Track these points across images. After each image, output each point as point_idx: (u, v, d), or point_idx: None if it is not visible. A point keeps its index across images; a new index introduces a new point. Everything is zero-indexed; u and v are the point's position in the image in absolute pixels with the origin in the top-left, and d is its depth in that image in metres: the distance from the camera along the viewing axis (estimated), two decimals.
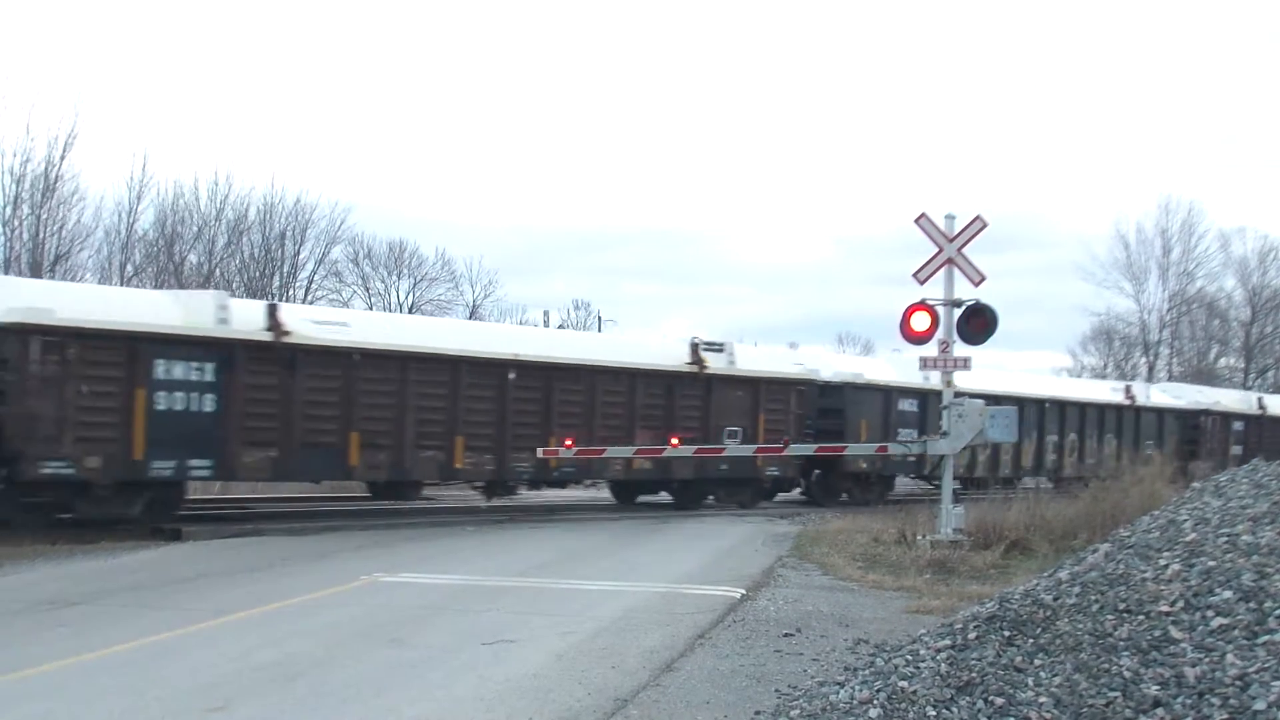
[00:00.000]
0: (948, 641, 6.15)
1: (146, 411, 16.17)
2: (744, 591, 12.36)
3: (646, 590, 12.43)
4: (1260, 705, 5.05)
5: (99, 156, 55.02)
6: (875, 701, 5.69)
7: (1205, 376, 58.75)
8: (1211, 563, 6.22)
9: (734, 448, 20.16)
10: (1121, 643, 5.71)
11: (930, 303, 17.29)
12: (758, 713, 6.83)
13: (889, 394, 26.68)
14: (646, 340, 30.50)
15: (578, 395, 21.35)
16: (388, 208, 72.05)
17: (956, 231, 17.10)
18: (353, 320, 20.50)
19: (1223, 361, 65.27)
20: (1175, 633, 5.70)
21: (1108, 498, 17.50)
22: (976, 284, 17.20)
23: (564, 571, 13.93)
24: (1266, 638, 5.50)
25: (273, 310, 17.98)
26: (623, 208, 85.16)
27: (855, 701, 5.78)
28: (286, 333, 17.55)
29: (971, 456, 25.99)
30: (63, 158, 35.73)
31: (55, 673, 8.02)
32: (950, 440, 17.27)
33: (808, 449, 22.24)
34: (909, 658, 6.14)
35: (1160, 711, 5.20)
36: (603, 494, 26.43)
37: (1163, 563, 6.38)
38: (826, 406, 25.78)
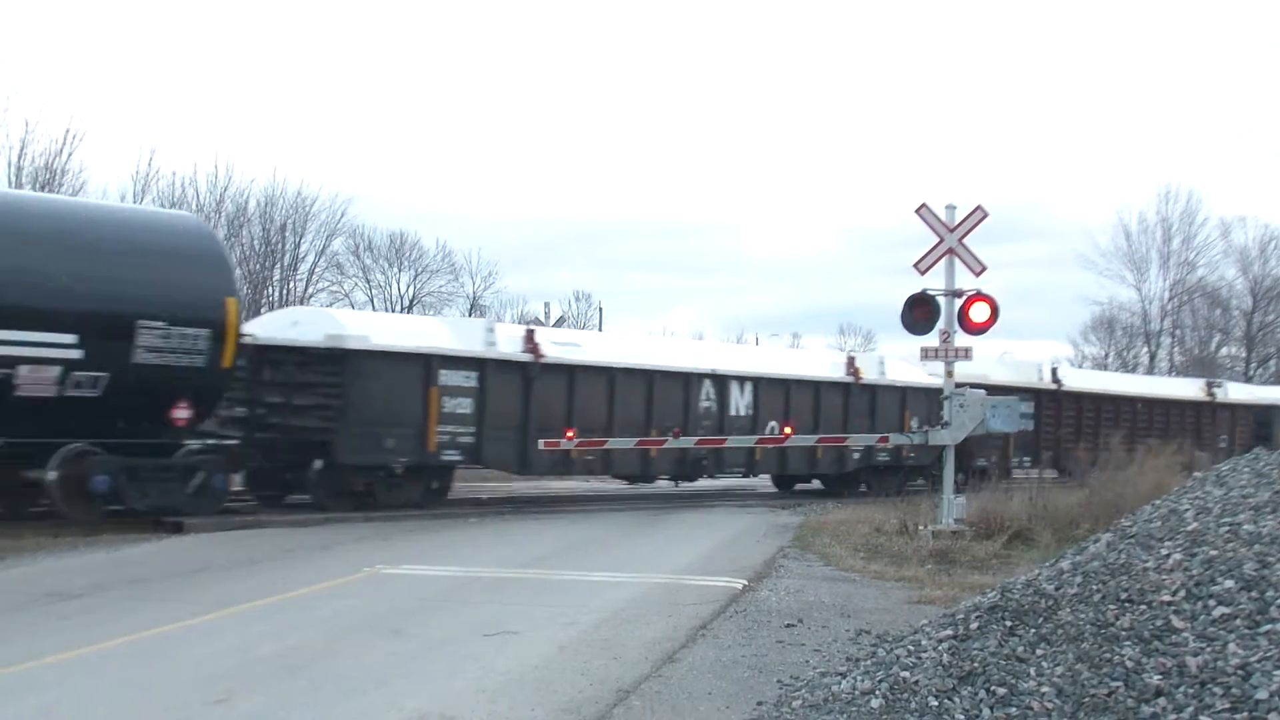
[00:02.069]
0: (949, 632, 6.15)
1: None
2: (746, 582, 12.37)
3: (649, 581, 12.44)
4: (1262, 694, 5.05)
5: (100, 150, 55.05)
6: (877, 692, 5.69)
7: (1207, 366, 58.80)
8: (1213, 552, 6.21)
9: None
10: (1123, 632, 5.71)
11: (931, 292, 17.29)
12: (760, 703, 6.84)
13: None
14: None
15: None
16: (388, 199, 71.99)
17: (957, 222, 17.09)
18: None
19: (1224, 351, 65.31)
20: (1177, 622, 5.69)
21: (1110, 488, 17.53)
22: (977, 274, 17.20)
23: (566, 563, 13.94)
24: (1268, 627, 5.49)
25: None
26: (624, 199, 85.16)
27: (857, 692, 5.78)
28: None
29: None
30: (62, 151, 35.69)
31: (58, 665, 8.02)
32: (952, 430, 17.27)
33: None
34: (911, 648, 6.14)
35: (1162, 701, 5.20)
36: (613, 485, 26.60)
37: (1164, 552, 6.38)
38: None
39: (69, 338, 15.50)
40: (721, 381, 23.65)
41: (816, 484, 27.41)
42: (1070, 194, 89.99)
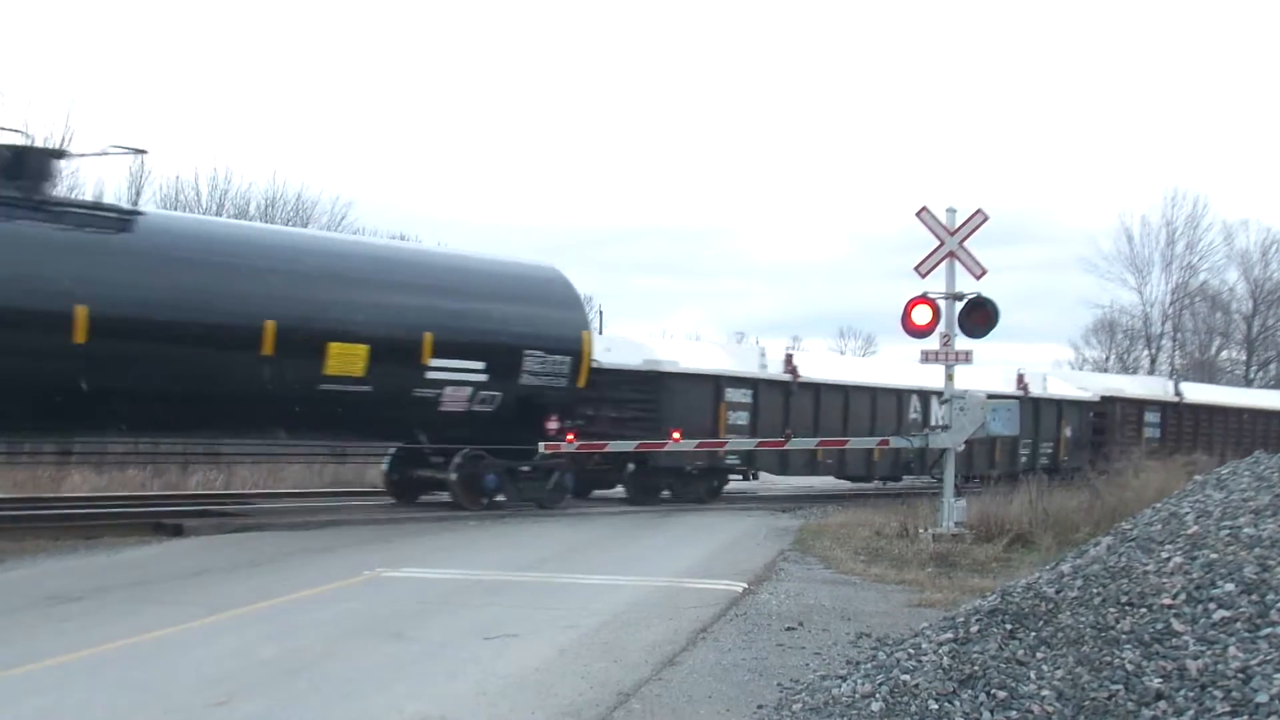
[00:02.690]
0: (950, 635, 6.15)
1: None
2: (746, 585, 12.36)
3: (649, 584, 12.43)
4: (1263, 698, 5.05)
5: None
6: (877, 695, 5.69)
7: (1207, 370, 58.80)
8: (1214, 555, 6.21)
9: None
10: (1124, 635, 5.71)
11: (931, 296, 17.29)
12: (760, 706, 6.84)
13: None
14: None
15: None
16: (388, 202, 71.98)
17: (958, 225, 17.10)
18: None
19: (1225, 354, 65.29)
20: (1177, 625, 5.70)
21: (1113, 491, 17.55)
22: (978, 277, 17.20)
23: (566, 565, 13.93)
24: (1269, 630, 5.49)
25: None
26: (628, 203, 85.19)
27: (857, 695, 5.78)
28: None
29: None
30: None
31: (58, 668, 8.02)
32: (952, 434, 17.27)
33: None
34: (911, 651, 6.14)
35: (1162, 704, 5.20)
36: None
37: (1165, 555, 6.38)
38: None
39: (478, 364, 19.76)
40: (925, 396, 26.49)
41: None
42: (1073, 199, 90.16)
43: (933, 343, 17.45)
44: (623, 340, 25.74)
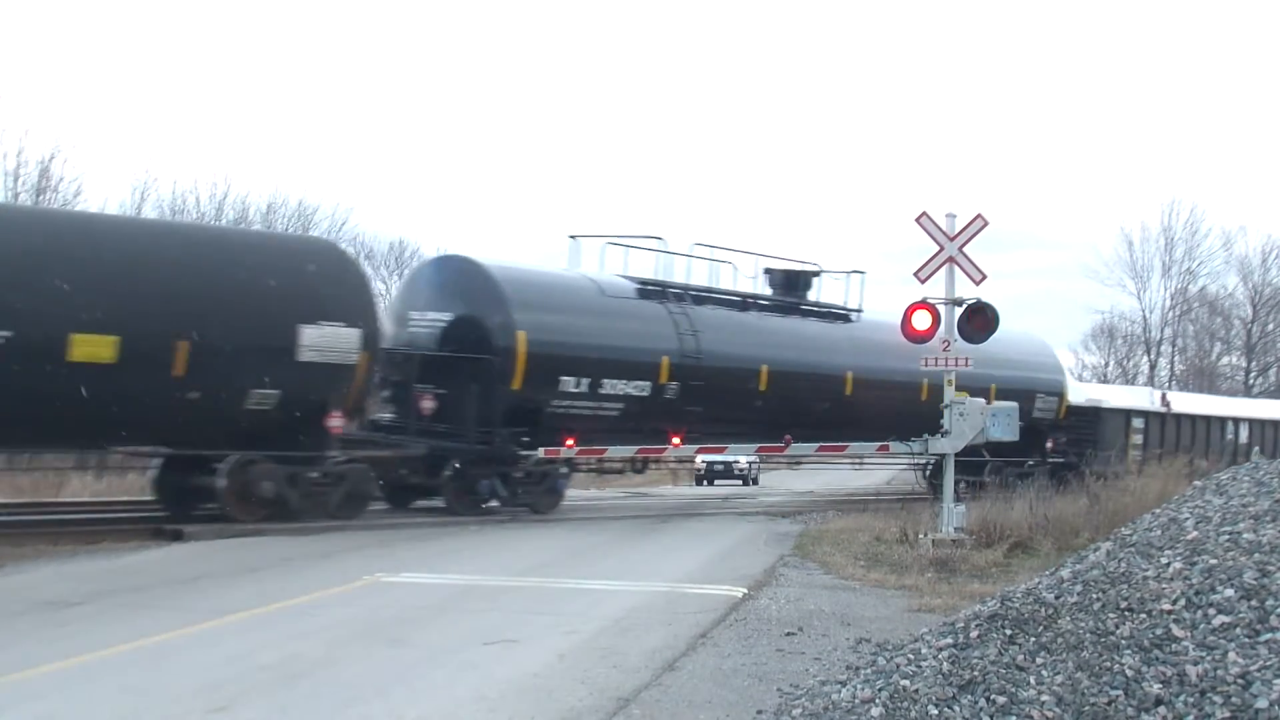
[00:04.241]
0: (950, 640, 6.14)
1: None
2: (746, 590, 12.35)
3: (648, 589, 12.42)
4: (1262, 703, 5.05)
5: (100, 161, 55.07)
6: (877, 700, 5.69)
7: (1206, 375, 58.77)
8: (1213, 561, 6.21)
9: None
10: (1123, 641, 5.71)
11: (931, 301, 17.28)
12: (760, 712, 6.83)
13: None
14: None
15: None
16: (388, 208, 72.06)
17: (958, 230, 17.09)
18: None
19: (1225, 360, 65.27)
20: (1177, 631, 5.69)
21: (1112, 497, 17.54)
22: (978, 282, 17.19)
23: (566, 570, 13.93)
24: (1268, 635, 5.49)
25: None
26: (628, 208, 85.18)
27: (857, 700, 5.77)
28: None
29: None
30: (51, 159, 35.70)
31: (57, 673, 8.01)
32: (951, 439, 17.26)
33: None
34: (911, 656, 6.13)
35: (1162, 710, 5.20)
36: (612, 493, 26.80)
37: (1164, 561, 6.38)
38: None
39: None
40: (1236, 423, 35.06)
41: None
42: (1073, 206, 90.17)
43: (932, 348, 17.45)
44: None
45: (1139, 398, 36.82)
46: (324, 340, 17.71)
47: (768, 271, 26.30)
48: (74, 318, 15.50)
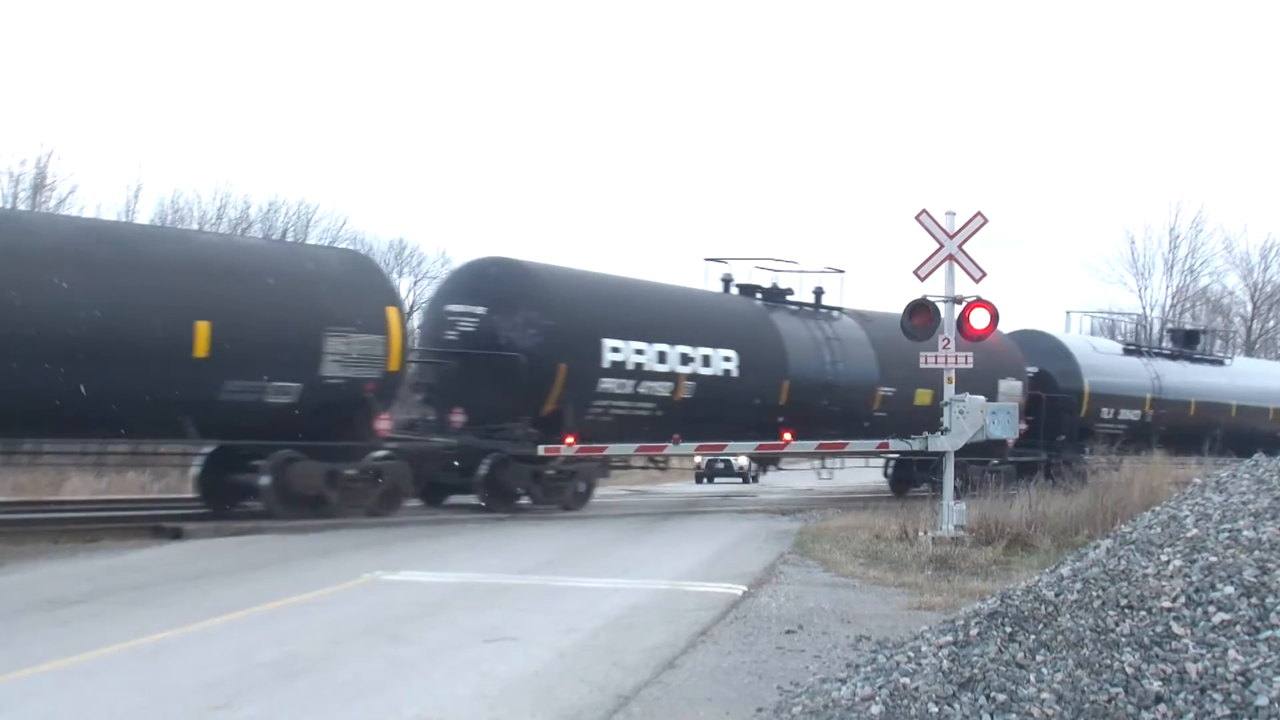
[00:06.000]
0: (949, 638, 6.14)
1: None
2: (746, 588, 12.35)
3: (648, 587, 12.42)
4: (1262, 700, 5.05)
5: (96, 166, 55.09)
6: (877, 698, 5.68)
7: None
8: (1213, 558, 6.21)
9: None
10: (1123, 639, 5.70)
11: (931, 299, 17.28)
12: (759, 709, 6.83)
13: None
14: None
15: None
16: (388, 208, 72.04)
17: (957, 228, 17.08)
18: None
19: None
20: (1177, 628, 5.69)
21: (1111, 494, 17.53)
22: (977, 280, 17.20)
23: (565, 568, 13.92)
24: (1268, 633, 5.49)
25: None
26: (627, 207, 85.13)
27: (857, 698, 5.77)
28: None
29: None
30: (47, 160, 35.71)
31: (57, 671, 8.01)
32: (951, 437, 17.26)
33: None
34: (911, 654, 6.13)
35: (1162, 707, 5.20)
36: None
37: (1164, 558, 6.37)
38: None
39: None
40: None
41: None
42: (1076, 204, 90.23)
43: (931, 345, 17.45)
44: None
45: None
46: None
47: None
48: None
